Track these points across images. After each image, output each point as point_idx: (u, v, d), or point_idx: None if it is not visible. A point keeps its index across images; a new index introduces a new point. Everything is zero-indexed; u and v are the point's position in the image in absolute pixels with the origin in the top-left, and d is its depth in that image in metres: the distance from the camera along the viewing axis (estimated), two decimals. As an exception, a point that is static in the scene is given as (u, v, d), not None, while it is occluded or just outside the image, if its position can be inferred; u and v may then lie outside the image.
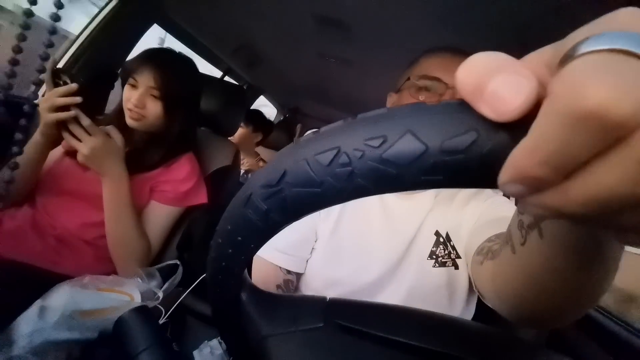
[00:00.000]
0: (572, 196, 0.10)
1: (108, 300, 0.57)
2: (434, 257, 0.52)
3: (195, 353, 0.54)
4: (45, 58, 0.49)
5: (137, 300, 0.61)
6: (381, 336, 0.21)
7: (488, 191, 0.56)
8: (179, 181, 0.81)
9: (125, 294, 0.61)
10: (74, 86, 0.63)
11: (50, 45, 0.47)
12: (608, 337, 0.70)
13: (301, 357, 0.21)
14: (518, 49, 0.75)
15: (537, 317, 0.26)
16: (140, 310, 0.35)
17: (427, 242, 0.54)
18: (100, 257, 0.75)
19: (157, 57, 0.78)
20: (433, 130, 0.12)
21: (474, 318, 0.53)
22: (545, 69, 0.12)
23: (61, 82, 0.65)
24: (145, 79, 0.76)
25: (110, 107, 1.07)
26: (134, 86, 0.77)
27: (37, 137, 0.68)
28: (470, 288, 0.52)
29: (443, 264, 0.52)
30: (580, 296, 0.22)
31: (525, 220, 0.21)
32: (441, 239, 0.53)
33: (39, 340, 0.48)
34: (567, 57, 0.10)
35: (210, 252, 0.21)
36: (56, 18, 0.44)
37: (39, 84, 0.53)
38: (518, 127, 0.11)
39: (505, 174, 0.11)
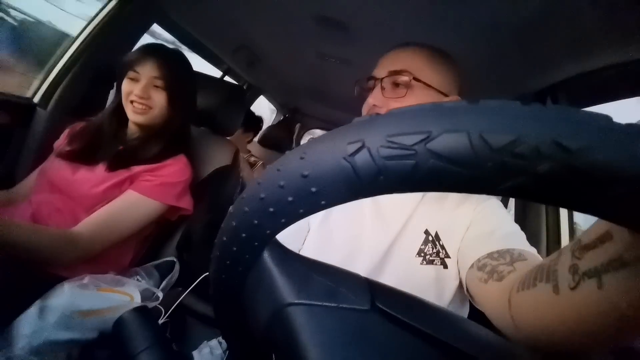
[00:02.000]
0: None
1: (108, 300, 0.57)
2: (422, 254, 0.53)
3: (195, 353, 0.54)
4: None
5: (137, 300, 0.61)
6: (427, 333, 0.19)
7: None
8: (164, 175, 0.77)
9: (125, 294, 0.61)
10: None
11: None
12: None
13: (342, 338, 0.19)
14: (517, 50, 0.75)
15: (562, 350, 0.25)
16: (140, 310, 0.35)
17: (415, 239, 0.54)
18: (96, 258, 0.74)
19: (158, 50, 0.79)
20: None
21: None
22: None
23: None
24: (148, 70, 0.76)
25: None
26: (134, 79, 0.76)
27: None
28: (461, 288, 0.52)
29: (431, 262, 0.52)
30: (628, 338, 0.20)
31: (582, 266, 0.19)
32: (430, 238, 0.54)
33: (38, 340, 0.48)
34: None
35: (256, 191, 0.17)
36: None
37: None
38: None
39: None
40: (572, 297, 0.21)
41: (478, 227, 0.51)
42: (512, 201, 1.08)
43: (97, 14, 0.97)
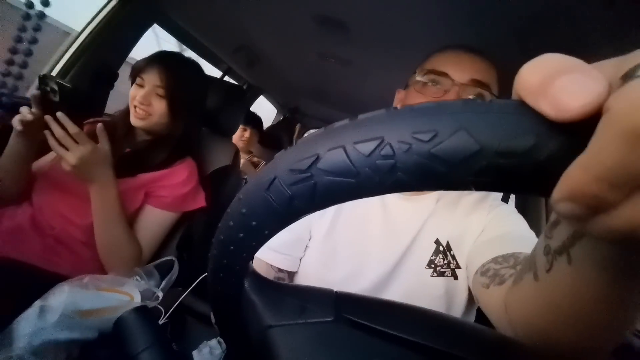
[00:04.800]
0: (631, 217, 0.09)
1: (108, 300, 0.57)
2: (433, 266, 0.51)
3: (195, 353, 0.54)
4: (27, 53, 0.45)
5: (137, 300, 0.60)
6: (391, 334, 0.20)
7: (493, 196, 0.55)
8: (176, 185, 0.80)
9: (125, 293, 0.61)
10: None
11: (34, 41, 0.44)
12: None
13: (309, 351, 0.21)
14: (518, 50, 0.75)
15: (560, 353, 0.23)
16: (140, 310, 0.35)
17: (426, 250, 0.52)
18: (98, 259, 0.74)
19: (165, 58, 0.81)
20: (489, 130, 0.12)
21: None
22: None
23: (48, 89, 0.62)
24: (152, 78, 0.78)
25: (110, 106, 1.07)
26: (140, 85, 0.78)
27: (16, 139, 0.67)
28: (470, 298, 0.51)
29: (442, 274, 0.51)
30: (612, 327, 0.20)
31: (553, 244, 0.19)
32: (441, 248, 0.52)
33: (38, 340, 0.48)
34: (629, 75, 0.10)
35: (217, 234, 0.19)
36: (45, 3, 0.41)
37: (7, 74, 0.49)
38: (579, 136, 0.10)
39: (559, 190, 0.11)
40: (549, 281, 0.20)
41: (490, 232, 0.49)
42: (512, 197, 1.09)
43: (97, 14, 0.97)
